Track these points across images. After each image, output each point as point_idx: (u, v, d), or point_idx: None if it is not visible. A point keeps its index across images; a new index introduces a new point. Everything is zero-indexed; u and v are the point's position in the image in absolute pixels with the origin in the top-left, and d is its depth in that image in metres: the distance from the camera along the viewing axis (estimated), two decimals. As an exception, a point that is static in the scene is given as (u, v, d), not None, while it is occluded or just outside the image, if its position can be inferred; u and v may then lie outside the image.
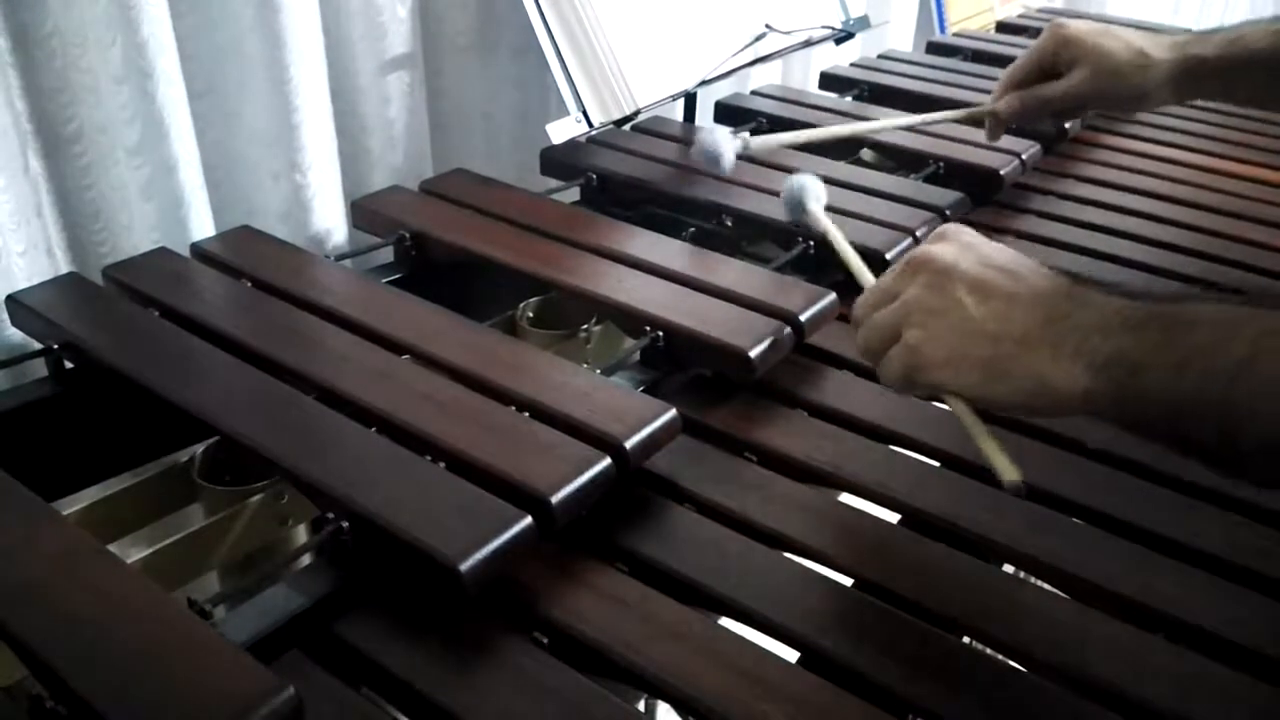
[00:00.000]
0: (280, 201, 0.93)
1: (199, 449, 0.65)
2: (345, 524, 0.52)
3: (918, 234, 0.87)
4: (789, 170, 0.85)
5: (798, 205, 0.80)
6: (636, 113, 1.03)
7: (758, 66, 1.25)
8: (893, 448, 0.67)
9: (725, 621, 0.54)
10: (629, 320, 0.74)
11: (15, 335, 0.73)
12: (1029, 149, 1.09)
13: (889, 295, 0.57)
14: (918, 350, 0.55)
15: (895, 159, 1.10)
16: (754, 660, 0.50)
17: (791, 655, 0.51)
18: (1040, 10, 1.85)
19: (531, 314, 0.82)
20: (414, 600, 0.52)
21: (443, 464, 0.56)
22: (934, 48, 1.57)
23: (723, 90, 1.23)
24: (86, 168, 0.79)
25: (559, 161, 1.01)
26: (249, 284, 0.74)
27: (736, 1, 1.16)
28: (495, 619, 0.51)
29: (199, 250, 0.79)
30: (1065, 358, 0.50)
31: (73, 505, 0.62)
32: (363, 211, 0.89)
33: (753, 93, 1.26)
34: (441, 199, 0.90)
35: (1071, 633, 0.53)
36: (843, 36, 1.31)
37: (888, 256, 0.84)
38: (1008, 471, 0.54)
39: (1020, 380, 0.52)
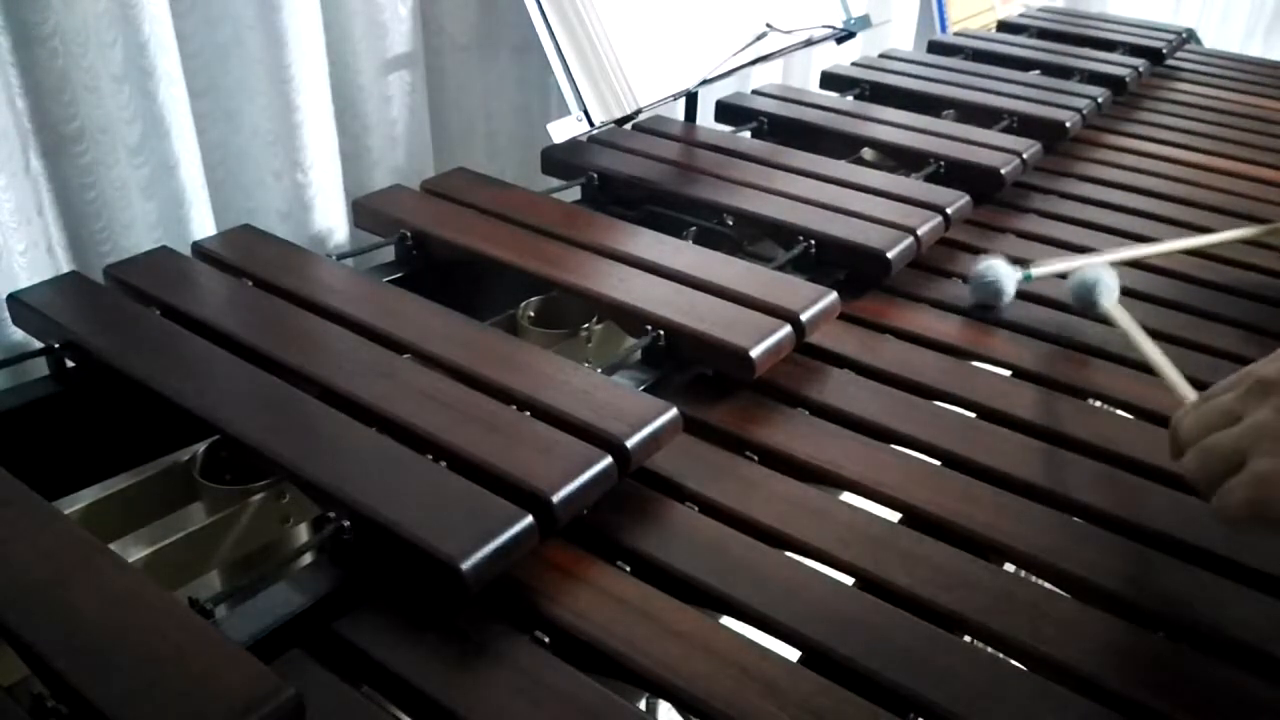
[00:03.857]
0: (281, 200, 0.93)
1: (200, 448, 0.65)
2: (346, 523, 0.52)
3: (919, 233, 0.87)
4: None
5: (1089, 301, 0.81)
6: (637, 112, 1.03)
7: (758, 66, 1.25)
8: (893, 447, 0.67)
9: (726, 620, 0.54)
10: (630, 319, 0.74)
11: (16, 334, 0.73)
12: (1030, 148, 1.09)
13: (1228, 417, 0.51)
14: (1270, 481, 0.48)
15: (896, 158, 1.10)
16: (755, 659, 0.50)
17: (793, 654, 0.51)
18: (1041, 10, 1.85)
19: (532, 313, 0.82)
20: (415, 599, 0.52)
21: (444, 463, 0.56)
22: (935, 47, 1.57)
23: (723, 89, 1.23)
24: (88, 167, 0.79)
25: (560, 160, 1.01)
26: (250, 283, 0.74)
27: (737, 0, 1.16)
28: (496, 618, 0.51)
29: (200, 249, 0.79)
30: None
31: (74, 504, 0.62)
32: (364, 210, 0.89)
33: (753, 92, 1.26)
34: (443, 198, 0.90)
35: (1072, 632, 0.53)
36: (844, 35, 1.31)
37: (889, 256, 0.84)
38: None
39: None
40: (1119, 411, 0.74)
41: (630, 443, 0.58)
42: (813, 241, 0.87)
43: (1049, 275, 0.87)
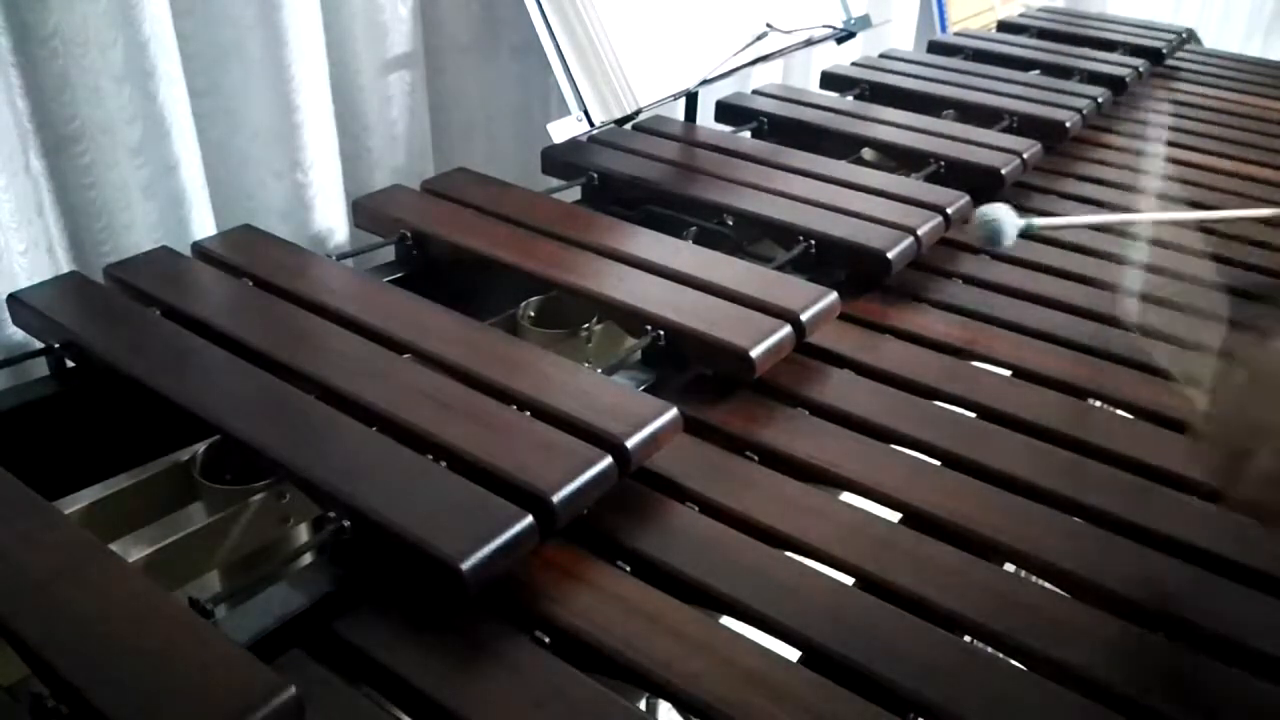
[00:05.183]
0: (281, 200, 0.93)
1: (200, 448, 0.65)
2: (346, 523, 0.52)
3: (919, 233, 0.87)
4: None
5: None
6: (638, 112, 1.03)
7: (759, 66, 1.25)
8: (893, 446, 0.67)
9: (726, 620, 0.54)
10: (630, 319, 0.74)
11: (17, 334, 0.73)
12: (1030, 148, 1.09)
13: (1237, 410, 0.52)
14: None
15: (896, 158, 1.10)
16: (755, 659, 0.50)
17: (793, 654, 0.51)
18: (1041, 10, 1.85)
19: (533, 313, 0.82)
20: (415, 599, 0.52)
21: (444, 463, 0.56)
22: (935, 47, 1.57)
23: (724, 89, 1.23)
24: (88, 167, 0.79)
25: (560, 161, 1.01)
26: (250, 283, 0.74)
27: (737, 0, 1.16)
28: (496, 618, 0.51)
29: (200, 249, 0.79)
30: None
31: (74, 504, 0.62)
32: (364, 210, 0.89)
33: (754, 92, 1.26)
34: (443, 198, 0.90)
35: (1072, 631, 0.53)
36: (844, 36, 1.31)
37: (889, 256, 0.84)
38: None
39: None
40: (1119, 412, 0.74)
41: (630, 443, 0.58)
42: (813, 241, 0.87)
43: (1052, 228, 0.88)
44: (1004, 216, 0.86)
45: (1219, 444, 0.53)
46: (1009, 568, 0.59)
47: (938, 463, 0.66)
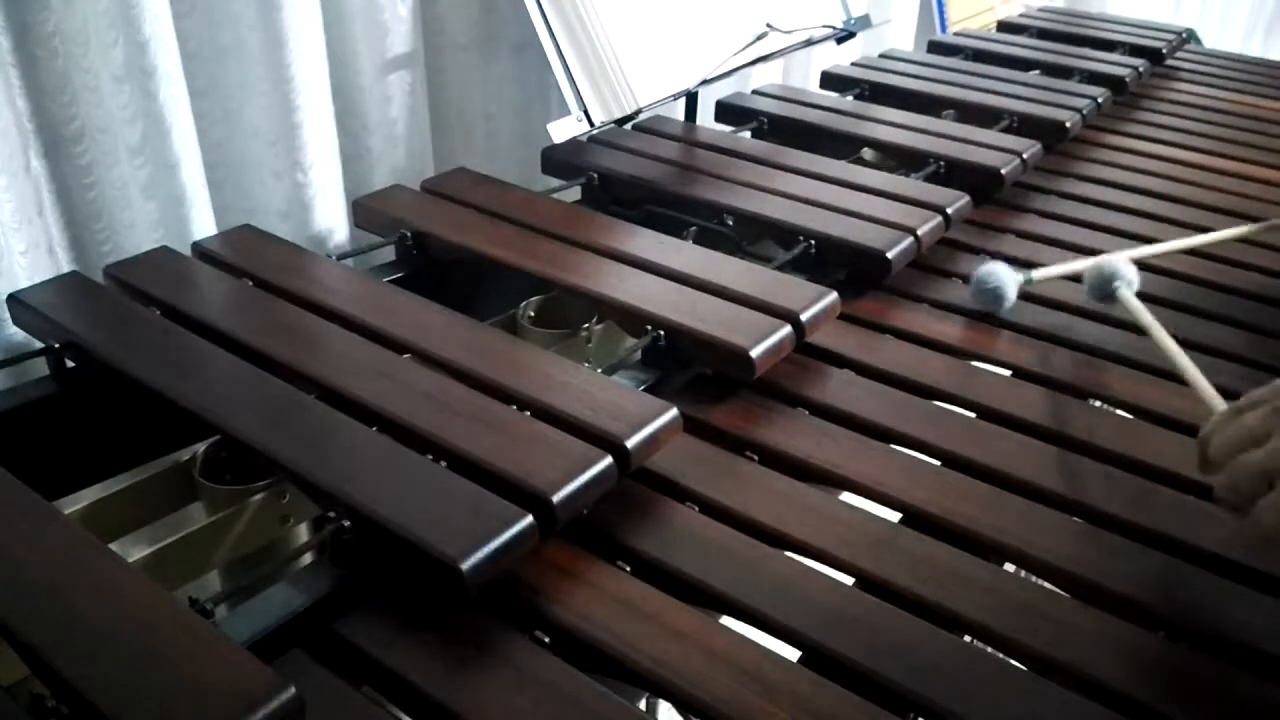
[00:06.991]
0: (282, 200, 0.93)
1: (200, 448, 0.65)
2: (346, 523, 0.52)
3: (919, 233, 0.87)
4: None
5: (1106, 291, 0.81)
6: (638, 112, 1.03)
7: (759, 66, 1.25)
8: (893, 446, 0.67)
9: (726, 620, 0.54)
10: (630, 319, 0.74)
11: (17, 334, 0.73)
12: (1030, 148, 1.09)
13: (1257, 437, 0.51)
14: None
15: (896, 158, 1.10)
16: (755, 659, 0.50)
17: (793, 654, 0.51)
18: (1041, 10, 1.85)
19: (533, 313, 0.82)
20: (415, 599, 0.52)
21: (444, 463, 0.56)
22: (935, 47, 1.58)
23: (724, 89, 1.23)
24: (88, 167, 0.79)
25: (560, 160, 1.01)
26: (250, 283, 0.74)
27: (737, 0, 1.16)
28: (496, 618, 0.51)
29: (200, 249, 0.79)
30: None
31: (74, 504, 0.62)
32: (364, 210, 0.89)
33: (754, 92, 1.26)
34: (443, 198, 0.90)
35: (1072, 632, 0.53)
36: (844, 36, 1.31)
37: (889, 256, 0.84)
38: None
39: None
40: (1119, 412, 0.74)
41: (630, 443, 0.58)
42: (813, 241, 0.87)
43: (1051, 279, 0.86)
44: (1004, 277, 0.83)
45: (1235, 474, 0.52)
46: (1009, 568, 0.59)
47: (938, 463, 0.66)
